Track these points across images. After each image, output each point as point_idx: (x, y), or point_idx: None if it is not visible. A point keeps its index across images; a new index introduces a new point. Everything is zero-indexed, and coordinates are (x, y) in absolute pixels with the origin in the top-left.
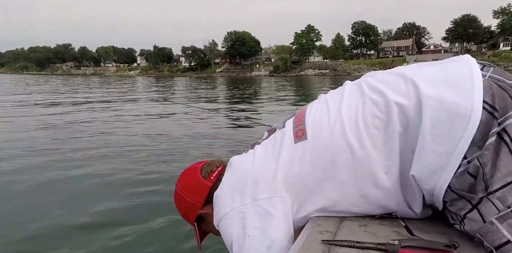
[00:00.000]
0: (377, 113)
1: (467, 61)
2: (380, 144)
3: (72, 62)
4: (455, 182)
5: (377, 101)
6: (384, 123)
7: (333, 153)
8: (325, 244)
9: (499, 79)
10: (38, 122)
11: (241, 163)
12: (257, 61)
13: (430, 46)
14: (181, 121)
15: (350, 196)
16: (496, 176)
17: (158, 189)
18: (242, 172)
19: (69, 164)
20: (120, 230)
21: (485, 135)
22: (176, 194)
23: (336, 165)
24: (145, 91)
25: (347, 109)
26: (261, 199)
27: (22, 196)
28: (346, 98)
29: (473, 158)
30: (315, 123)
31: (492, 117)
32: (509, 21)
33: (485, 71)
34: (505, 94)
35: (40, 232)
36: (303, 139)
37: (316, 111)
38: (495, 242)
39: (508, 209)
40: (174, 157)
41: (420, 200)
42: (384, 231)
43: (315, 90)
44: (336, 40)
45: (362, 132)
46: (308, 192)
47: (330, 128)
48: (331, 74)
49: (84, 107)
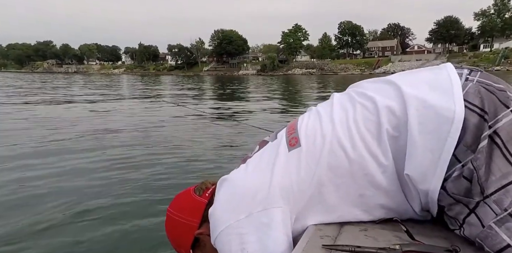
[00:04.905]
0: (368, 116)
1: (445, 67)
2: (374, 146)
3: (53, 59)
4: (452, 186)
5: (366, 105)
6: (376, 125)
7: (328, 157)
8: (326, 249)
9: (486, 83)
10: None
11: (234, 178)
12: (245, 60)
13: (414, 46)
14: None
15: (349, 198)
16: (490, 179)
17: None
18: (236, 187)
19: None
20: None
21: (477, 138)
22: (168, 220)
23: (333, 169)
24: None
25: (339, 115)
26: (256, 212)
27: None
28: (336, 106)
29: (467, 162)
30: (308, 131)
31: (483, 120)
32: (489, 23)
33: (472, 75)
34: (493, 97)
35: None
36: (297, 146)
37: (308, 120)
38: (495, 246)
39: (505, 212)
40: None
41: (418, 199)
42: (385, 235)
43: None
44: (323, 39)
45: (354, 135)
46: (306, 199)
47: (323, 134)
48: (318, 74)
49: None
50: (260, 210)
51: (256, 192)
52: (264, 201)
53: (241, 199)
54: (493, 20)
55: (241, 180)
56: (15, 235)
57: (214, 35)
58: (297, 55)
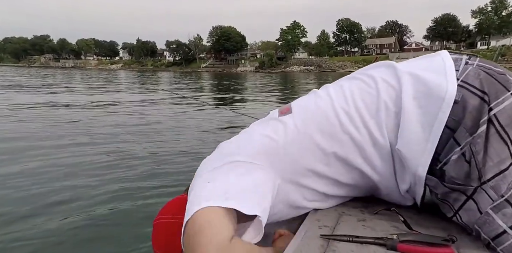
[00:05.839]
0: (365, 88)
1: (439, 53)
2: (368, 117)
3: (50, 54)
4: (451, 170)
5: (364, 80)
6: (373, 98)
7: (319, 122)
8: (324, 239)
9: (486, 67)
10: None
11: (222, 144)
12: (243, 57)
13: (412, 44)
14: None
15: (337, 167)
16: (488, 165)
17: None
18: (224, 148)
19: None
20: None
21: (477, 121)
22: (156, 227)
23: (323, 134)
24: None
25: (335, 89)
26: (236, 161)
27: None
28: (334, 85)
29: (466, 145)
30: (302, 102)
31: (483, 102)
32: (486, 21)
33: (472, 60)
34: (493, 80)
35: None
36: (288, 113)
37: (303, 97)
38: (491, 233)
39: (501, 198)
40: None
41: (407, 179)
42: (382, 225)
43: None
44: (321, 37)
45: (350, 105)
46: (294, 164)
47: (317, 103)
48: (316, 71)
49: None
50: (239, 160)
51: (239, 150)
52: (245, 156)
53: (223, 157)
54: (490, 18)
55: (227, 144)
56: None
57: (212, 32)
58: (295, 52)
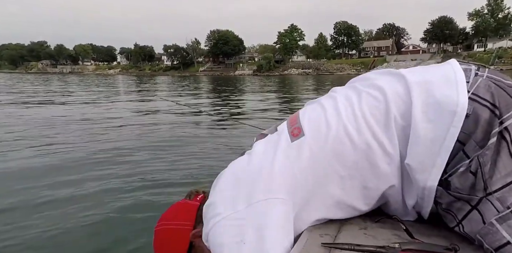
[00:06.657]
0: (374, 103)
1: (449, 63)
2: (380, 133)
3: (48, 60)
4: (456, 181)
5: (373, 94)
6: (383, 112)
7: (333, 145)
8: (326, 247)
9: (496, 79)
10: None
11: (233, 168)
12: (241, 60)
13: (409, 46)
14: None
15: (353, 190)
16: (495, 177)
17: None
18: (234, 175)
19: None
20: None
21: (487, 134)
22: (158, 233)
23: (339, 157)
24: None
25: (343, 105)
26: (256, 202)
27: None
28: (340, 97)
29: (474, 157)
30: (312, 121)
31: (493, 116)
32: (483, 23)
33: (481, 71)
34: (504, 93)
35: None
36: (300, 136)
37: (311, 112)
38: (494, 243)
39: (507, 210)
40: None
41: (414, 195)
42: (384, 234)
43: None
44: (318, 39)
45: (360, 122)
46: (309, 191)
47: (327, 122)
48: (314, 74)
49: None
50: (260, 199)
51: (257, 182)
52: (265, 191)
53: (239, 188)
54: (486, 20)
55: (241, 170)
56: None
57: (210, 35)
58: (293, 55)
